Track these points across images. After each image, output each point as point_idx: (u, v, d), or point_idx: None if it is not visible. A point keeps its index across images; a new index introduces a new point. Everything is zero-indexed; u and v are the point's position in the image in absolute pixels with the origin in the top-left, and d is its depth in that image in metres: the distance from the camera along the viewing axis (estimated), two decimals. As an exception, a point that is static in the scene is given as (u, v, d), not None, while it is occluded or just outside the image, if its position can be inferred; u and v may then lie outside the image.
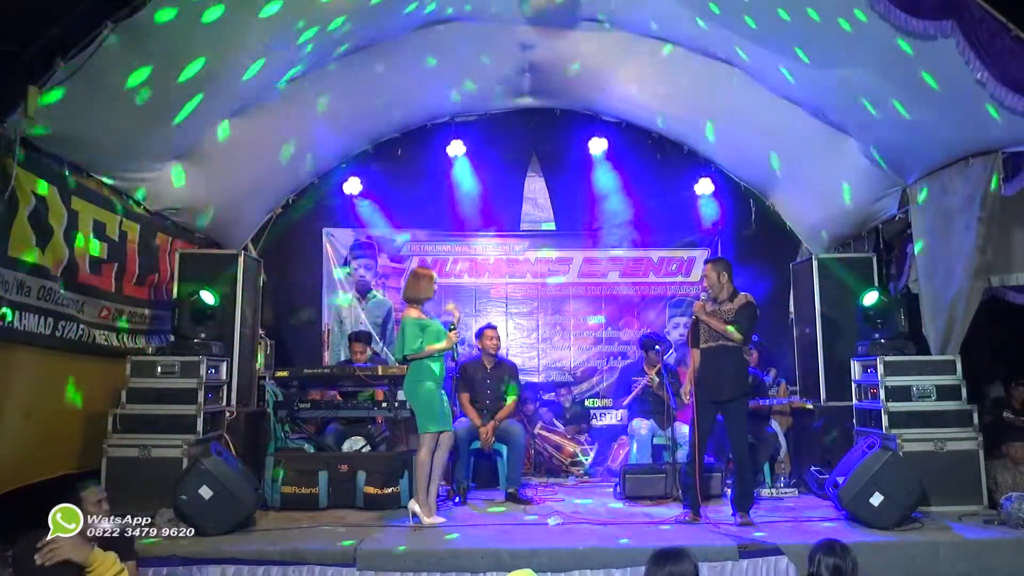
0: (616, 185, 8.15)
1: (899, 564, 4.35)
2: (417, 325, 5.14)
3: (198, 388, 5.51)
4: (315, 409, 6.16)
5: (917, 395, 5.59)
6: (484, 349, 6.43)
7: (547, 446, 7.31)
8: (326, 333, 8.23)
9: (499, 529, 4.92)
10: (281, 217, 8.02)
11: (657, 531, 4.84)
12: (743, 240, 8.21)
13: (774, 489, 6.07)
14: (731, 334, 5.06)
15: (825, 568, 3.12)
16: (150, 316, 6.28)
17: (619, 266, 8.53)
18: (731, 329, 5.06)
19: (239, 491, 4.80)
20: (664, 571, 3.00)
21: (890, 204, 6.48)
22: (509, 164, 8.36)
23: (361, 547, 4.36)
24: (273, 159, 7.16)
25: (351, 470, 5.60)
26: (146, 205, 6.09)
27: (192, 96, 5.31)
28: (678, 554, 3.06)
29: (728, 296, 5.23)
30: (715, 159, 8.12)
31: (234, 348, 6.35)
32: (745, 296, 5.20)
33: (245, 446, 6.11)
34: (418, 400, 5.12)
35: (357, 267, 8.32)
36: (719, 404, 5.16)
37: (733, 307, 5.16)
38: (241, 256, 6.63)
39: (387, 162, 8.14)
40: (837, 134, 6.25)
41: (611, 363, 8.39)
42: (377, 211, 8.15)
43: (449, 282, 8.34)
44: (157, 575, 4.18)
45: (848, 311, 6.48)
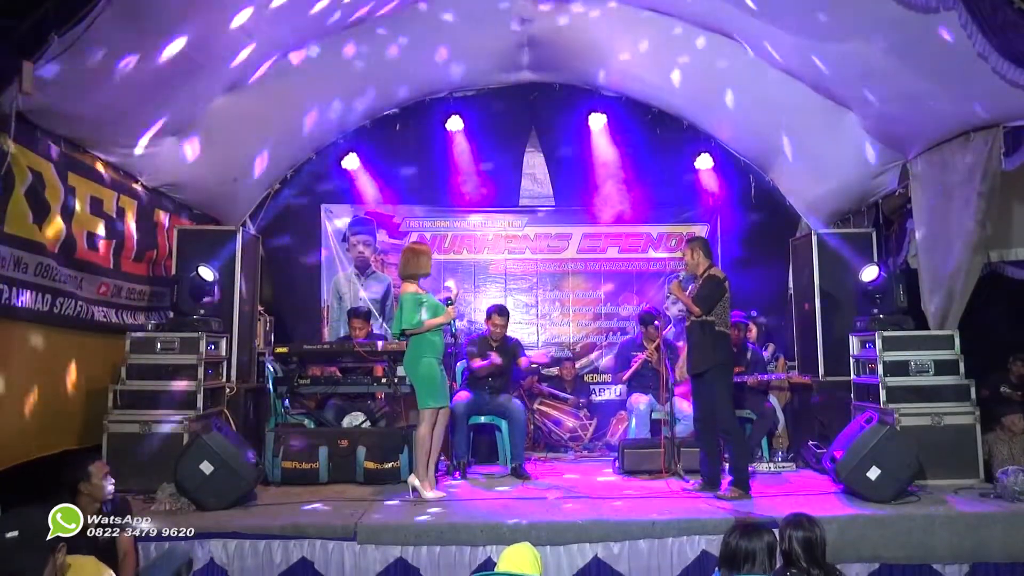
0: (616, 160, 8.11)
1: (895, 537, 4.39)
2: (415, 300, 5.14)
3: (198, 364, 5.51)
4: (315, 385, 6.18)
5: (915, 370, 5.61)
6: (490, 331, 6.44)
7: (546, 421, 7.35)
8: (325, 309, 8.23)
9: (499, 503, 4.96)
10: (279, 193, 7.98)
11: (654, 505, 4.87)
12: (742, 215, 8.18)
13: (772, 463, 6.11)
14: (691, 307, 5.20)
15: (797, 542, 3.18)
16: (149, 292, 6.27)
17: (618, 242, 8.51)
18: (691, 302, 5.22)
19: (239, 466, 4.83)
20: (737, 544, 3.05)
21: (890, 179, 6.45)
22: (508, 139, 8.30)
23: (361, 521, 4.39)
24: (271, 135, 7.10)
25: (351, 445, 5.63)
26: (143, 181, 6.06)
27: (188, 71, 5.26)
28: (754, 528, 3.09)
29: (703, 273, 5.31)
30: (715, 134, 8.06)
31: (233, 324, 6.35)
32: (710, 271, 5.26)
33: (246, 422, 6.14)
34: (418, 375, 5.12)
35: (356, 243, 8.30)
36: (696, 377, 5.30)
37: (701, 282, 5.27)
38: (239, 232, 6.60)
39: (385, 137, 8.08)
40: (838, 108, 6.20)
41: (610, 338, 8.40)
42: (375, 187, 8.11)
43: (448, 258, 8.34)
44: (159, 549, 4.21)
45: (847, 286, 6.49)
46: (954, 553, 4.39)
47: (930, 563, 4.40)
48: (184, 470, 4.73)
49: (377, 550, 4.30)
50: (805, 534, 3.18)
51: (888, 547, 4.38)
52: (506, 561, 2.99)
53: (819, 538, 3.19)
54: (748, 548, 3.06)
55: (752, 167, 8.14)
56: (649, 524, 4.40)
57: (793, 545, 3.18)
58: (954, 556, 4.39)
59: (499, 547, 4.16)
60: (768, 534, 3.10)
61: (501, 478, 5.93)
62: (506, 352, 6.41)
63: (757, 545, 3.06)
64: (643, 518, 4.47)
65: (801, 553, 3.16)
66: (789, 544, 3.19)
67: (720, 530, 4.33)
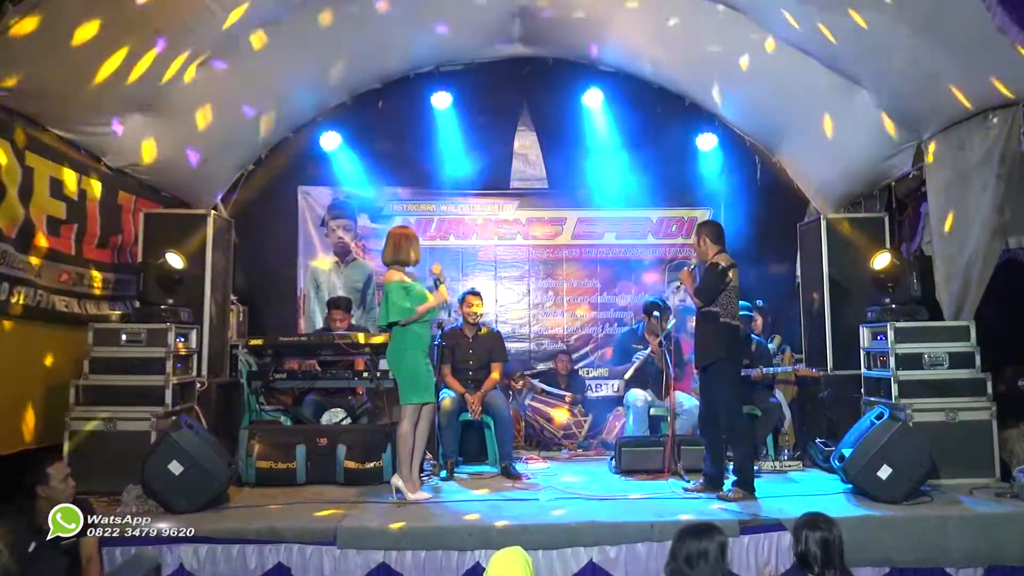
0: (613, 140, 8.08)
1: (907, 539, 4.43)
2: (402, 288, 5.12)
3: (166, 357, 5.50)
4: (292, 379, 6.16)
5: (929, 363, 5.64)
6: (465, 317, 6.44)
7: (538, 418, 7.37)
8: (302, 299, 8.22)
9: (488, 505, 4.97)
10: (253, 175, 7.92)
11: (654, 506, 4.88)
12: (747, 199, 8.17)
13: (777, 462, 6.14)
14: (693, 298, 5.23)
15: (814, 543, 3.19)
16: (114, 281, 6.23)
17: (616, 227, 8.51)
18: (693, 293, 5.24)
19: (211, 466, 4.81)
20: (686, 547, 3.05)
21: (903, 160, 6.46)
22: (498, 117, 8.28)
23: (342, 524, 4.39)
24: (244, 112, 7.06)
25: (330, 444, 5.62)
26: (107, 161, 6.00)
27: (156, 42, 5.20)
28: (704, 530, 3.10)
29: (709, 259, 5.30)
30: (719, 112, 8.05)
31: (204, 315, 6.33)
32: (715, 258, 5.25)
33: (218, 419, 6.13)
34: (401, 369, 5.12)
35: (335, 228, 8.28)
36: (701, 371, 5.32)
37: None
38: (210, 216, 6.57)
39: (367, 115, 8.03)
40: (849, 86, 6.20)
41: (607, 330, 8.42)
42: (356, 168, 8.07)
43: (434, 244, 8.32)
44: (124, 555, 4.20)
45: (858, 274, 6.51)
46: (968, 556, 4.42)
47: (943, 566, 4.43)
48: (152, 470, 4.71)
49: (358, 555, 4.30)
50: (822, 534, 3.20)
51: (899, 550, 4.41)
52: (496, 566, 3.00)
53: (837, 538, 3.21)
54: (700, 548, 3.05)
55: (758, 148, 8.14)
56: (647, 527, 4.41)
57: (810, 546, 3.19)
58: (968, 559, 4.43)
59: (488, 551, 4.15)
60: (720, 534, 3.10)
61: (490, 478, 5.94)
62: (483, 345, 6.42)
63: (709, 545, 3.06)
64: (641, 520, 4.48)
65: (818, 554, 3.17)
66: (805, 545, 3.20)
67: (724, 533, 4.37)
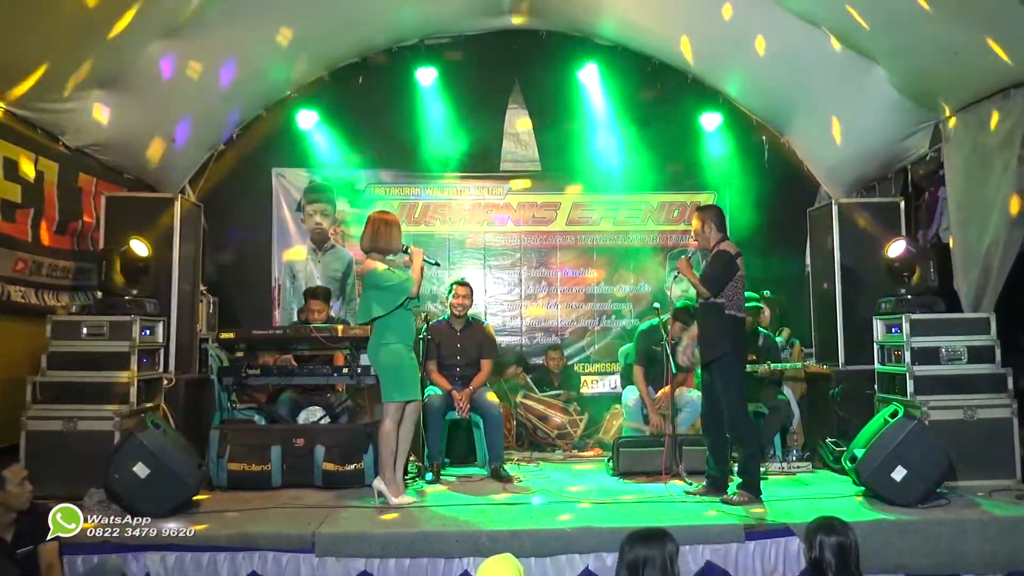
0: (611, 119, 8.08)
1: (922, 544, 4.44)
2: (390, 271, 5.10)
3: (130, 352, 5.47)
4: (266, 375, 6.13)
5: (946, 357, 5.65)
6: (452, 308, 6.43)
7: (531, 416, 7.36)
8: (277, 289, 8.20)
9: (477, 509, 4.97)
10: (223, 155, 7.89)
11: (654, 510, 4.89)
12: (754, 182, 8.16)
13: (785, 463, 6.15)
14: (698, 288, 5.17)
15: (828, 549, 3.19)
16: (73, 269, 6.19)
17: (613, 212, 8.51)
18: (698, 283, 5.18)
19: (180, 469, 4.80)
20: (633, 553, 3.04)
21: (920, 141, 6.47)
22: (488, 94, 8.27)
23: (320, 531, 4.37)
24: (214, 87, 7.01)
25: (308, 444, 5.61)
26: (66, 141, 5.96)
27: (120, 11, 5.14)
28: (653, 536, 3.10)
29: (713, 247, 5.28)
30: (724, 90, 8.05)
31: (171, 306, 6.31)
32: (720, 246, 5.22)
33: (186, 418, 6.11)
34: (382, 364, 5.10)
35: (312, 213, 8.25)
36: (706, 367, 5.30)
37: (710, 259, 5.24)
38: (178, 200, 6.54)
39: (346, 91, 8.02)
40: (862, 61, 6.19)
41: (604, 322, 8.43)
42: (335, 148, 8.05)
43: (419, 230, 8.30)
44: (87, 563, 4.18)
45: (871, 263, 6.51)
46: (987, 562, 4.44)
47: (960, 572, 4.45)
48: (115, 473, 4.70)
49: (338, 563, 4.29)
50: (838, 539, 3.20)
51: (914, 555, 4.43)
52: (485, 574, 2.99)
53: (853, 543, 3.21)
54: (647, 555, 3.05)
55: (765, 127, 8.14)
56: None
57: (824, 552, 3.19)
58: (987, 565, 4.44)
59: (477, 559, 4.16)
60: (671, 542, 3.10)
61: (479, 481, 5.94)
62: (472, 339, 6.42)
63: (656, 553, 3.06)
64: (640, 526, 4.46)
65: (833, 561, 3.18)
66: (820, 551, 3.21)
67: (727, 538, 4.39)
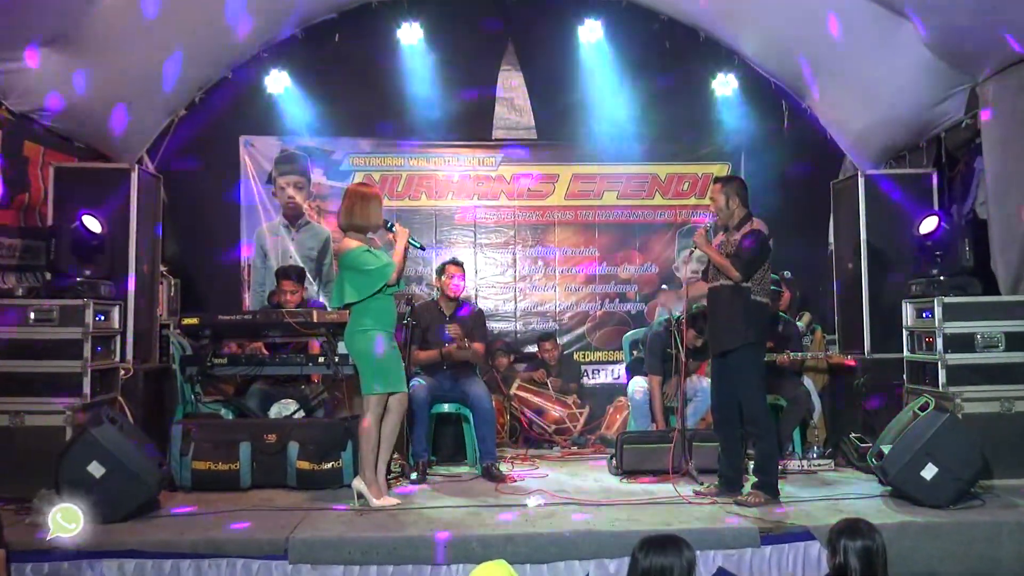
0: (614, 82, 8.06)
1: (954, 549, 4.46)
2: (366, 252, 5.07)
3: (83, 339, 5.46)
4: (234, 365, 6.14)
5: (982, 344, 5.67)
6: (443, 290, 6.41)
7: (526, 409, 7.37)
8: (246, 270, 8.19)
9: (466, 512, 4.98)
10: (186, 121, 7.85)
11: (660, 512, 4.90)
12: (772, 152, 8.17)
13: (805, 461, 6.18)
14: (728, 270, 5.13)
15: (853, 553, 3.22)
16: (19, 248, 6.15)
17: (617, 185, 8.50)
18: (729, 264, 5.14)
19: (139, 468, 4.79)
20: (648, 561, 3.05)
21: (955, 106, 6.46)
22: (478, 54, 8.24)
23: (294, 536, 4.37)
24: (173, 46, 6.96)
25: (280, 441, 5.61)
26: (9, 105, 5.91)
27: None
28: (670, 542, 3.10)
29: (738, 224, 5.25)
30: (740, 49, 8.02)
31: (128, 289, 6.29)
32: (752, 223, 5.21)
33: (146, 411, 6.12)
34: (361, 353, 5.09)
35: (284, 186, 8.24)
36: (720, 358, 5.30)
37: (739, 237, 5.19)
38: (135, 172, 6.49)
39: (321, 51, 7.99)
40: (892, 17, 6.17)
41: (606, 306, 8.44)
42: (309, 114, 8.03)
43: (402, 205, 8.29)
44: (36, 571, 4.17)
45: (901, 241, 6.51)
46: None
47: (996, 580, 4.49)
48: (68, 473, 4.68)
49: (314, 570, 4.29)
50: (864, 543, 3.22)
51: (945, 561, 4.45)
52: (476, 583, 2.99)
53: (880, 547, 3.24)
54: (663, 564, 3.06)
55: (785, 91, 8.12)
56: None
57: (849, 557, 3.21)
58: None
59: (467, 566, 4.17)
60: (688, 550, 3.11)
61: (469, 480, 5.95)
62: (463, 324, 6.42)
63: (675, 561, 3.06)
64: (646, 530, 4.47)
65: (858, 567, 3.20)
66: (844, 556, 3.23)
67: (742, 543, 4.40)
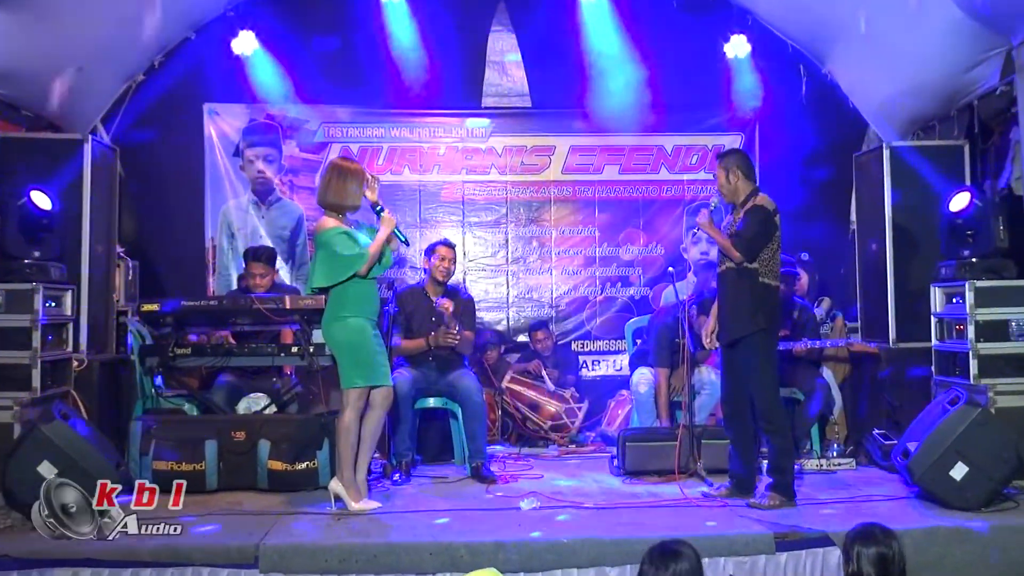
0: (616, 44, 8.01)
1: (986, 554, 4.49)
2: (343, 234, 5.06)
3: (32, 327, 5.46)
4: (198, 356, 6.12)
5: (1017, 332, 5.69)
6: (432, 273, 6.40)
7: (519, 404, 7.39)
8: (211, 251, 8.16)
9: (454, 516, 4.99)
10: (144, 87, 7.79)
11: (666, 516, 4.93)
12: (789, 123, 8.17)
13: (824, 459, 6.20)
14: (729, 251, 5.17)
15: (867, 560, 3.27)
16: (-39, 228, 6.14)
17: (619, 158, 8.49)
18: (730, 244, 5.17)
19: (94, 468, 4.80)
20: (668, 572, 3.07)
21: (989, 72, 6.44)
22: (466, 13, 8.19)
23: (265, 542, 4.38)
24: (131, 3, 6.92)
25: (250, 439, 5.62)
26: (-53, 70, 5.90)
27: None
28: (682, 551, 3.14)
29: (743, 200, 5.29)
30: (754, 9, 8.00)
31: (82, 272, 6.28)
32: (756, 199, 5.23)
33: (102, 407, 6.13)
34: (340, 343, 5.09)
35: (253, 158, 8.20)
36: (728, 348, 5.34)
37: (743, 215, 5.23)
38: (88, 143, 6.48)
39: (294, 9, 7.95)
40: (921, -28, 6.18)
41: (607, 291, 8.43)
42: (281, 79, 7.97)
43: (384, 179, 8.14)
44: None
45: (929, 219, 6.53)
46: (1063, 575, 4.51)
47: (1032, 588, 4.52)
48: (16, 474, 4.70)
49: (287, 581, 4.31)
50: (879, 550, 3.26)
51: (976, 567, 4.47)
52: (464, 594, 3.01)
53: (896, 555, 3.28)
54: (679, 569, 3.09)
55: (804, 55, 8.10)
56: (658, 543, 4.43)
57: (862, 565, 3.26)
58: (1063, 579, 4.52)
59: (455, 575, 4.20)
60: (694, 556, 3.14)
61: (457, 482, 5.98)
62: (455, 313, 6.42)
63: (683, 567, 3.09)
64: (650, 535, 4.48)
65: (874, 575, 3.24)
66: (858, 563, 3.28)
67: (755, 549, 4.41)
